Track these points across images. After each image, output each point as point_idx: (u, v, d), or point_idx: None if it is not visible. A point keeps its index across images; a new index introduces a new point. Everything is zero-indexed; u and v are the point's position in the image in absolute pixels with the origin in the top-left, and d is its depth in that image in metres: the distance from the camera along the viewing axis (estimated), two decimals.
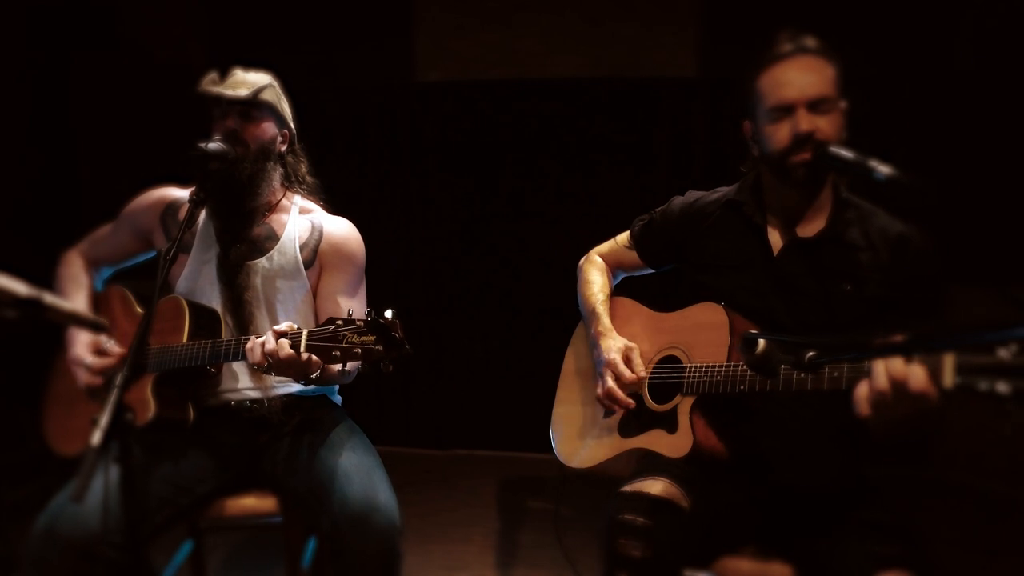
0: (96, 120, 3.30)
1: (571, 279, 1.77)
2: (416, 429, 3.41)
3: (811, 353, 0.95)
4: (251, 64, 1.64)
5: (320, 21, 3.32)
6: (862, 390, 1.00)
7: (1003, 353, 0.87)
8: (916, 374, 0.93)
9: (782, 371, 1.09)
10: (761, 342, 0.97)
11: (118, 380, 1.14)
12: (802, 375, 1.12)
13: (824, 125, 1.30)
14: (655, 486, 1.26)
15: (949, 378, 0.92)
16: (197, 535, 1.79)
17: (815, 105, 1.30)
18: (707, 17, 3.09)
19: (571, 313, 1.76)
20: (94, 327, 1.38)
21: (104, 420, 1.09)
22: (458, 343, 3.40)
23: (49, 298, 1.20)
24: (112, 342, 1.58)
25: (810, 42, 1.34)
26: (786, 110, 1.31)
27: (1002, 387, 0.86)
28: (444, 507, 2.88)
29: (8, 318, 1.15)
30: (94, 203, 3.11)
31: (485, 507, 2.91)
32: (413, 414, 3.42)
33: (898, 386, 0.94)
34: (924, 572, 1.12)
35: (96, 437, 1.07)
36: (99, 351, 1.56)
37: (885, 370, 0.96)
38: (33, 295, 1.16)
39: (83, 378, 1.54)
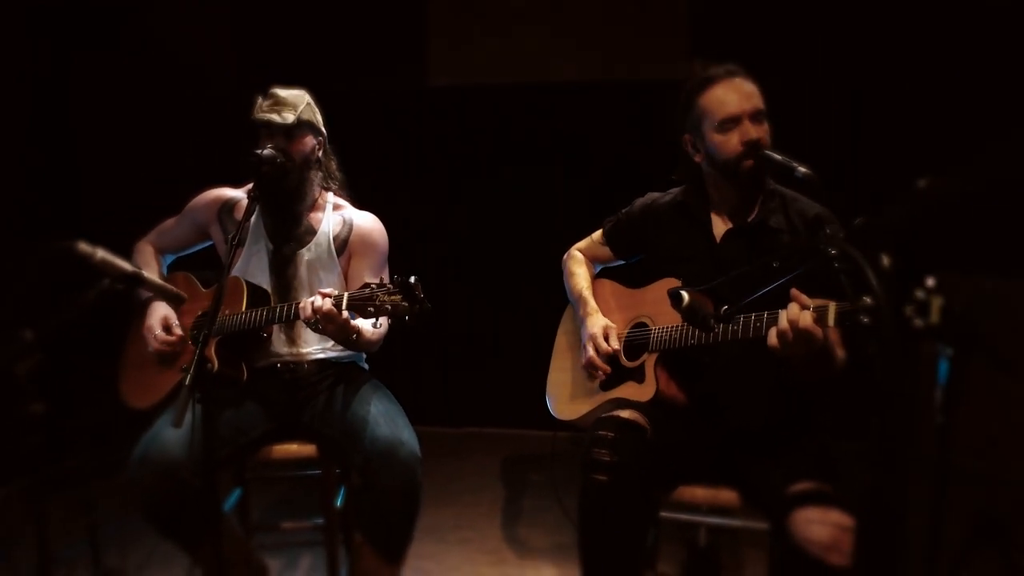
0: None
1: None
2: (430, 409, 3.80)
3: (724, 307, 1.32)
4: (283, 80, 1.98)
5: (336, 27, 3.64)
6: (772, 330, 1.37)
7: (867, 299, 1.23)
8: (805, 316, 1.31)
9: (716, 326, 1.44)
10: (684, 295, 1.34)
11: (200, 337, 1.51)
12: (735, 327, 1.49)
13: (762, 133, 1.65)
14: (624, 413, 1.65)
15: (831, 319, 1.30)
16: (244, 483, 2.17)
17: (755, 116, 1.65)
18: (695, 24, 3.43)
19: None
20: (176, 299, 1.78)
21: (192, 368, 1.47)
22: (468, 332, 3.79)
23: (146, 274, 1.59)
24: (178, 324, 1.95)
25: (734, 67, 1.69)
26: (734, 121, 1.66)
27: (864, 319, 1.22)
28: (455, 476, 3.25)
29: (116, 289, 1.53)
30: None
31: (492, 477, 3.28)
32: (427, 395, 3.82)
33: (793, 325, 1.31)
34: (829, 481, 1.47)
35: (188, 379, 1.44)
36: (167, 327, 1.94)
37: (786, 315, 1.33)
38: (136, 271, 1.54)
39: (152, 344, 1.93)
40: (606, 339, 1.80)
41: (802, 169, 1.53)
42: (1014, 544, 2.24)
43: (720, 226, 1.76)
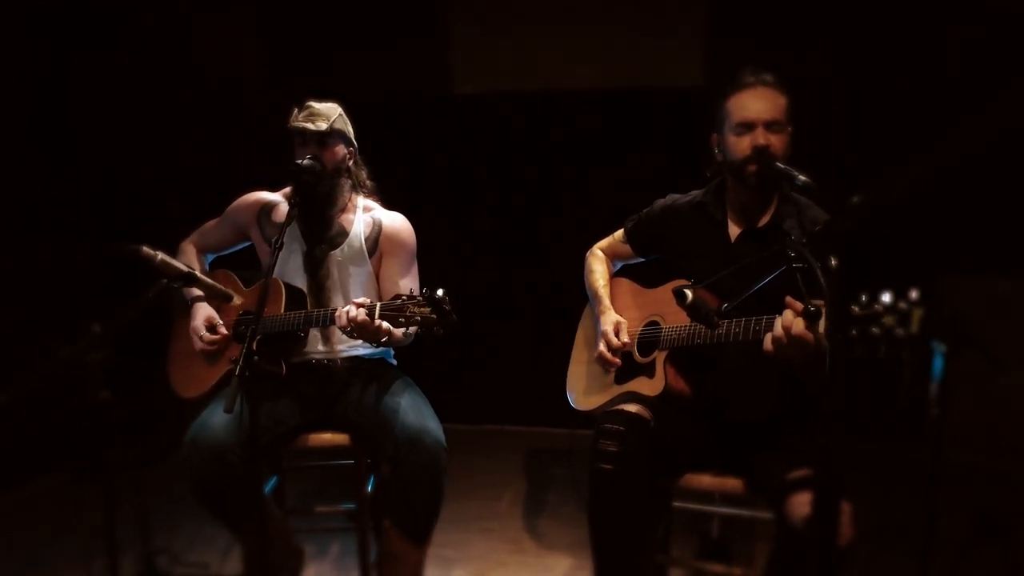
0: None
1: None
2: (453, 406, 3.96)
3: (725, 304, 1.46)
4: (320, 94, 2.15)
5: (359, 35, 3.81)
6: (768, 335, 1.51)
7: (855, 308, 1.36)
8: (798, 323, 1.44)
9: (720, 323, 1.58)
10: (688, 293, 1.48)
11: (248, 333, 1.68)
12: (736, 330, 1.63)
13: (775, 142, 1.79)
14: (630, 407, 1.79)
15: (823, 325, 1.43)
16: (281, 471, 2.35)
17: (770, 125, 1.79)
18: (713, 32, 3.56)
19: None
20: (225, 297, 1.96)
21: (241, 360, 1.64)
22: (491, 332, 3.95)
23: (199, 274, 1.77)
24: (221, 324, 2.12)
25: (768, 77, 1.83)
26: (748, 127, 1.80)
27: (852, 331, 1.35)
28: (478, 471, 3.41)
29: (173, 288, 1.72)
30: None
31: (514, 472, 3.45)
32: (451, 393, 3.98)
33: (787, 331, 1.45)
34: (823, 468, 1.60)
35: (237, 370, 1.62)
36: (211, 327, 2.11)
37: (781, 321, 1.47)
38: (190, 271, 1.73)
39: (198, 344, 2.11)
40: (617, 335, 1.95)
41: (802, 178, 1.66)
42: (1015, 542, 2.35)
43: (736, 227, 1.90)
